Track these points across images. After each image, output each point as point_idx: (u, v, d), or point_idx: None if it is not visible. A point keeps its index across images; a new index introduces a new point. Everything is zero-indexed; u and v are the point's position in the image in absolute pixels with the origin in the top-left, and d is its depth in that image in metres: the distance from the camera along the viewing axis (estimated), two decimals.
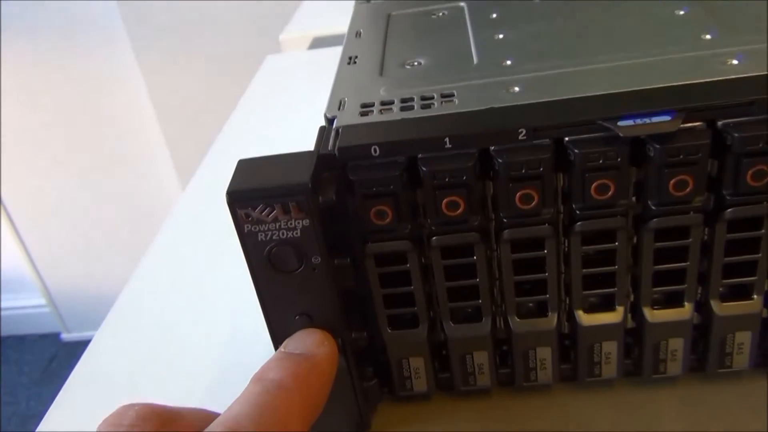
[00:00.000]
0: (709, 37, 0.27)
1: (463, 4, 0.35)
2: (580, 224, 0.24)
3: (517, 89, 0.25)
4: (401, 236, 0.25)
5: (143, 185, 1.43)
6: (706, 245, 0.25)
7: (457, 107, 0.25)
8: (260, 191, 0.22)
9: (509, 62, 0.28)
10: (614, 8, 0.32)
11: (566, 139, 0.23)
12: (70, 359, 1.57)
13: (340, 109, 0.26)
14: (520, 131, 0.23)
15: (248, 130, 0.58)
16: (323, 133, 0.25)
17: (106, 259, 1.51)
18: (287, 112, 0.58)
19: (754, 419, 0.26)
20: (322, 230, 0.23)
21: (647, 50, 0.27)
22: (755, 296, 0.26)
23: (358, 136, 0.24)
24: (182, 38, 1.23)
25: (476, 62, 0.29)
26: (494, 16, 0.33)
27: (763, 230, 0.24)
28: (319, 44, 0.73)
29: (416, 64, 0.30)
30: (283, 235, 0.23)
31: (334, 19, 0.73)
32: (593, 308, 0.27)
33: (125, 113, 1.35)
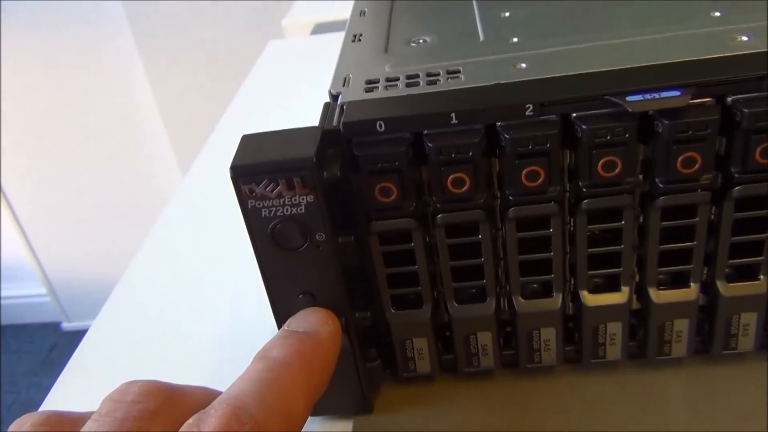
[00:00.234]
0: (718, 14, 0.27)
1: None
2: (586, 202, 0.24)
3: (524, 65, 0.25)
4: (406, 214, 0.24)
5: (144, 173, 1.43)
6: (712, 224, 0.25)
7: (463, 83, 0.24)
8: (264, 166, 0.22)
9: (516, 39, 0.27)
10: None
11: (574, 115, 0.23)
12: (70, 348, 1.57)
13: (344, 85, 0.26)
14: (527, 107, 0.22)
15: (250, 115, 0.58)
16: (328, 108, 0.25)
17: (106, 248, 1.50)
18: (289, 97, 0.58)
19: (758, 401, 0.26)
20: (326, 207, 0.23)
21: (656, 27, 0.26)
22: (762, 277, 0.25)
23: (363, 111, 0.24)
24: (184, 23, 1.22)
25: (482, 39, 0.28)
26: None
27: None
28: (321, 30, 0.73)
29: (421, 41, 0.29)
30: (287, 211, 0.23)
31: (336, 5, 0.73)
32: (598, 289, 0.26)
33: (126, 100, 1.34)
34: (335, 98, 0.25)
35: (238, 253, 0.24)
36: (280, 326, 0.25)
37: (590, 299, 0.26)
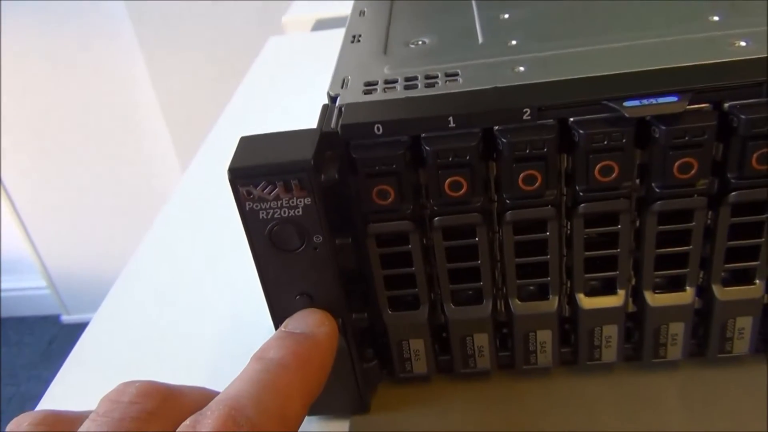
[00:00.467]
0: (716, 18, 0.27)
1: None
2: (583, 206, 0.24)
3: (522, 69, 0.25)
4: (403, 216, 0.25)
5: (144, 170, 1.43)
6: (708, 229, 0.25)
7: (461, 86, 0.24)
8: (262, 168, 0.22)
9: (514, 42, 0.27)
10: None
11: (571, 119, 0.23)
12: (69, 341, 1.57)
13: (343, 87, 0.26)
14: (524, 111, 0.22)
15: (250, 111, 0.58)
16: (326, 111, 0.25)
17: (106, 241, 1.51)
18: (289, 93, 0.58)
19: (753, 404, 0.26)
20: (324, 209, 0.23)
21: (654, 31, 0.26)
22: (757, 281, 0.26)
23: (361, 114, 0.24)
24: (184, 19, 1.22)
25: (481, 42, 0.28)
26: None
27: (766, 215, 0.24)
28: (321, 26, 0.73)
29: (420, 43, 0.29)
30: (284, 213, 0.23)
31: (337, 1, 0.72)
32: (594, 292, 0.26)
33: (126, 95, 1.34)
34: (333, 100, 0.25)
35: (237, 252, 0.24)
36: (277, 327, 0.25)
37: (586, 302, 0.26)
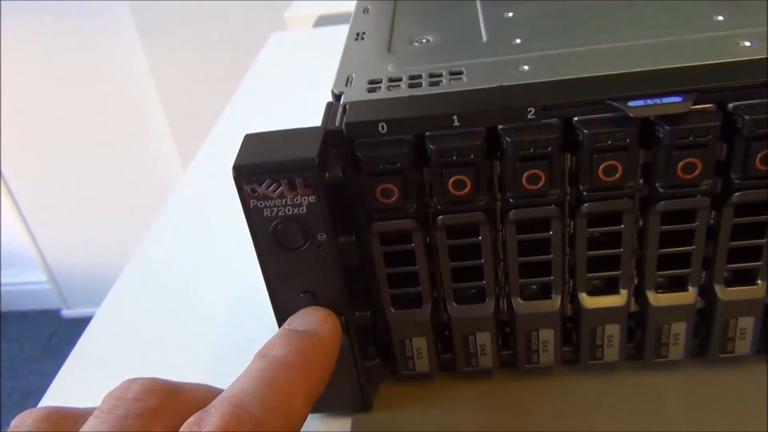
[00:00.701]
0: (721, 18, 0.27)
1: None
2: (586, 206, 0.24)
3: (526, 68, 0.25)
4: (407, 215, 0.25)
5: (145, 163, 1.43)
6: (711, 229, 0.25)
7: (465, 85, 0.24)
8: (267, 166, 0.22)
9: (519, 41, 0.27)
10: None
11: (575, 119, 0.23)
12: (70, 336, 1.58)
13: (347, 85, 0.26)
14: (529, 110, 0.22)
15: (252, 108, 0.58)
16: (330, 109, 0.25)
17: (107, 236, 1.51)
18: (292, 89, 0.58)
19: (755, 404, 0.26)
20: (328, 207, 0.23)
21: (658, 31, 0.26)
22: (759, 282, 0.26)
23: (365, 112, 0.24)
24: (185, 14, 1.22)
25: (485, 40, 0.28)
26: None
27: None
28: (324, 22, 0.73)
29: (425, 41, 0.29)
30: (288, 211, 0.23)
31: None
32: (597, 291, 0.26)
33: (128, 91, 1.34)
34: (338, 98, 0.25)
35: (240, 248, 0.24)
36: (280, 325, 0.25)
37: (589, 301, 0.26)
